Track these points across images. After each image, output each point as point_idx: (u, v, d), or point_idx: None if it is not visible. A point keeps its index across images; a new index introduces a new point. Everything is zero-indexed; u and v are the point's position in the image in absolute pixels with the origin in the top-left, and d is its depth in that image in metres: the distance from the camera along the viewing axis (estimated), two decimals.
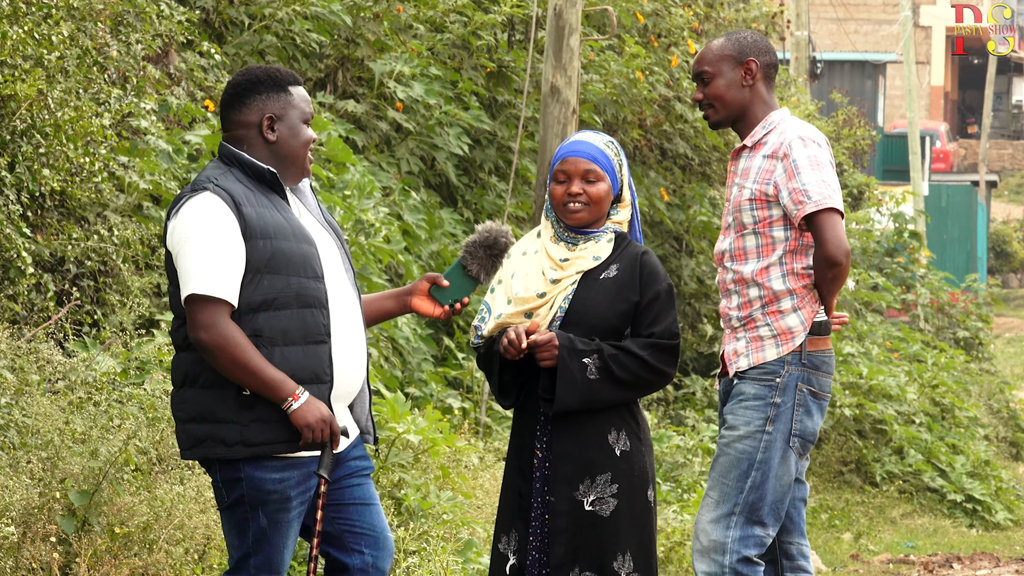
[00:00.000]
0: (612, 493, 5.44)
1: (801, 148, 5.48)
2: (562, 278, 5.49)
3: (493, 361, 5.50)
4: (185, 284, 4.90)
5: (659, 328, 5.46)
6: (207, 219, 4.92)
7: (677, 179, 15.52)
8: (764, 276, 5.50)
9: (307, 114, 5.15)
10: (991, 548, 12.68)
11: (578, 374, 5.38)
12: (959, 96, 54.55)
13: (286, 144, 5.11)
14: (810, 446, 5.53)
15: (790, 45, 26.51)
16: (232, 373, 4.88)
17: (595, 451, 5.44)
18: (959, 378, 18.20)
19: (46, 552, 6.24)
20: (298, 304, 4.99)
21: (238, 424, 4.94)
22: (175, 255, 4.96)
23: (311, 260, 5.03)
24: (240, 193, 4.98)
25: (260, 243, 4.95)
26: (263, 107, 5.10)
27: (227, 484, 4.99)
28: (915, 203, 25.74)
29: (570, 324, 5.46)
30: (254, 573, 5.01)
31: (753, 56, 5.61)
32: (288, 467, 4.99)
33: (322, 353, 5.01)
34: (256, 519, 4.98)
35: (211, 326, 4.86)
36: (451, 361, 11.17)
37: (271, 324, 4.93)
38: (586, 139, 5.57)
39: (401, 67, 12.02)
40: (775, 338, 5.47)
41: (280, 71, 5.15)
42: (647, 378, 5.45)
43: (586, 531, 5.41)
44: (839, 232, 5.40)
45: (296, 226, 5.06)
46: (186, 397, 4.99)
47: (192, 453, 5.01)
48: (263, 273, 4.95)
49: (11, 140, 7.81)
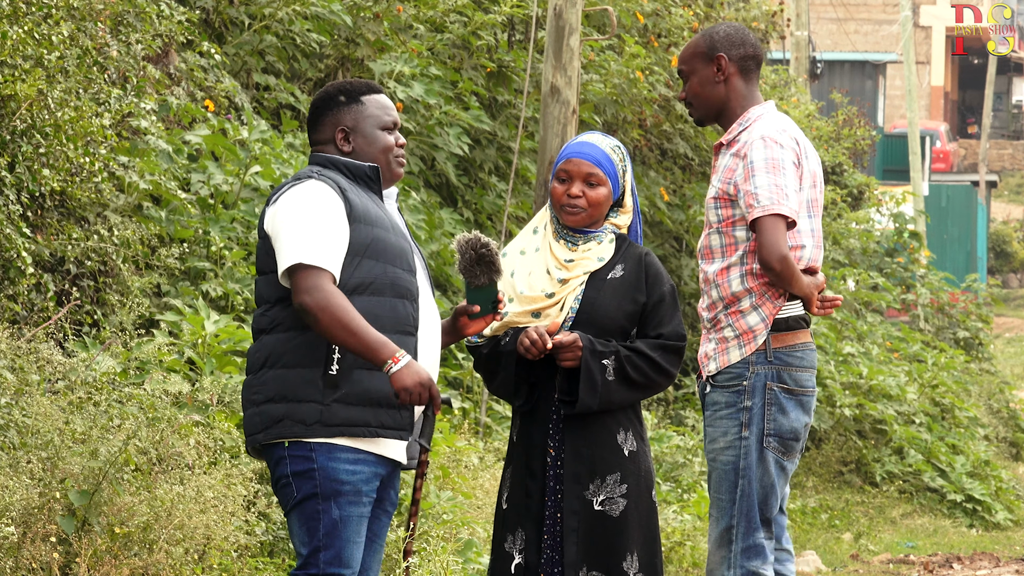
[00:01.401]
0: (621, 493, 5.46)
1: (760, 149, 5.42)
2: (570, 278, 5.50)
3: (502, 360, 5.49)
4: (286, 255, 4.91)
5: (667, 329, 5.49)
6: (313, 199, 4.97)
7: (677, 179, 15.52)
8: (724, 277, 5.48)
9: (385, 121, 5.20)
10: (991, 548, 12.68)
11: (598, 375, 5.40)
12: (959, 96, 54.55)
13: (364, 152, 5.17)
14: (794, 444, 5.47)
15: (790, 45, 26.51)
16: (335, 334, 4.86)
17: (606, 451, 5.47)
18: (959, 378, 18.20)
19: (46, 552, 6.24)
20: (392, 293, 5.03)
21: (319, 404, 4.93)
22: (275, 234, 4.97)
23: (407, 254, 5.10)
24: (343, 183, 5.04)
25: (362, 228, 5.00)
26: (336, 121, 5.17)
27: (298, 477, 4.96)
28: (915, 203, 25.74)
29: (580, 324, 5.48)
30: (323, 568, 4.98)
31: (723, 51, 5.55)
32: (359, 461, 4.99)
33: (410, 344, 5.04)
34: (328, 511, 4.96)
35: (315, 288, 4.86)
36: (451, 361, 11.17)
37: (365, 308, 4.95)
38: (593, 141, 5.57)
39: (401, 67, 12.02)
40: (738, 339, 5.46)
41: (354, 83, 5.23)
42: (656, 379, 5.49)
43: (596, 531, 5.42)
44: (776, 237, 5.33)
45: (393, 220, 5.14)
46: (266, 379, 4.98)
47: (266, 435, 4.97)
48: (362, 257, 4.99)
49: (11, 140, 7.80)
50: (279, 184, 5.17)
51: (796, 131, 5.54)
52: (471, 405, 10.54)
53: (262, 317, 5.04)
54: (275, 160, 9.92)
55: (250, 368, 5.06)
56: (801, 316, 5.50)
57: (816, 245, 5.52)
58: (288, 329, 4.98)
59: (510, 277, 5.58)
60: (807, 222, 5.49)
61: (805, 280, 5.46)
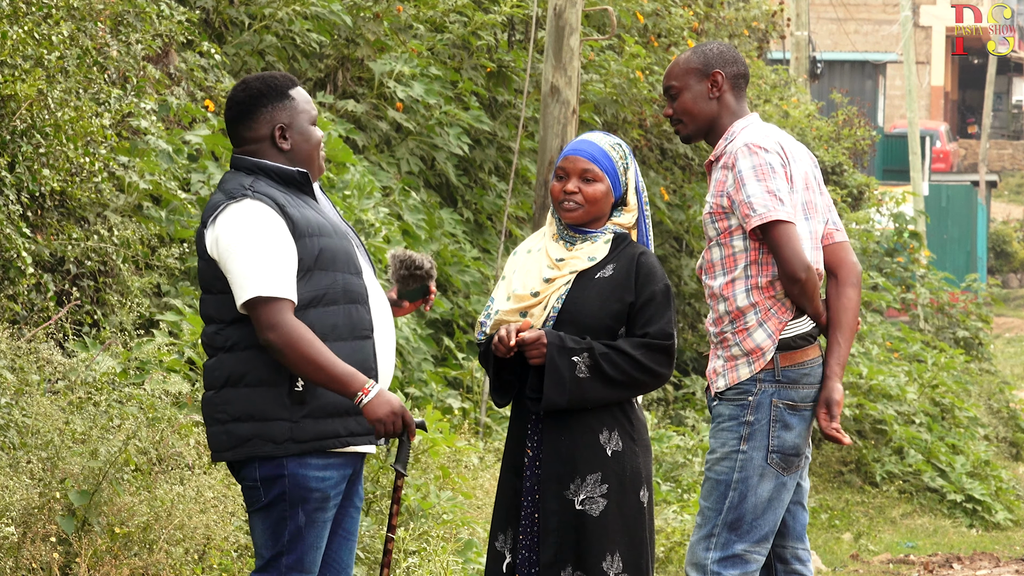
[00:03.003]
0: (602, 493, 5.44)
1: (746, 158, 5.43)
2: (555, 277, 5.50)
3: (489, 359, 5.52)
4: (243, 288, 4.89)
5: (653, 328, 5.46)
6: (255, 223, 4.92)
7: (677, 179, 15.53)
8: (730, 290, 5.48)
9: (312, 115, 5.16)
10: (991, 548, 12.68)
11: (566, 372, 5.38)
12: (959, 96, 54.55)
13: (300, 149, 5.11)
14: (795, 459, 5.47)
15: (790, 45, 26.52)
16: (303, 369, 4.87)
17: (585, 450, 5.44)
18: (959, 378, 18.19)
19: (46, 552, 6.24)
20: (345, 300, 5.02)
21: (288, 421, 4.93)
22: (223, 262, 4.93)
23: (352, 256, 5.07)
24: (278, 196, 4.99)
25: (308, 241, 4.96)
26: (271, 118, 5.09)
27: (266, 482, 4.96)
28: (915, 203, 25.74)
29: (563, 323, 5.47)
30: (284, 572, 4.99)
31: (719, 67, 5.58)
32: (329, 467, 5.00)
33: (368, 348, 5.04)
34: (294, 517, 4.97)
35: (278, 325, 4.85)
36: (451, 361, 11.17)
37: (321, 320, 4.95)
38: (591, 139, 5.59)
39: (401, 67, 12.02)
40: (746, 357, 5.46)
41: (276, 78, 5.13)
42: (639, 378, 5.44)
43: (575, 531, 5.41)
44: (794, 246, 5.35)
45: (334, 223, 5.09)
46: (229, 398, 4.96)
47: (235, 453, 4.97)
48: (312, 270, 4.97)
49: (11, 140, 7.80)
50: (212, 200, 5.05)
51: (781, 136, 5.56)
52: (471, 405, 10.54)
53: (217, 336, 4.99)
54: None
55: (209, 385, 5.02)
56: (808, 333, 5.50)
57: (814, 247, 5.52)
58: (246, 348, 4.96)
59: (512, 275, 5.60)
60: (804, 224, 5.49)
61: (820, 298, 5.49)
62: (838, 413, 5.47)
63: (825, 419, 5.46)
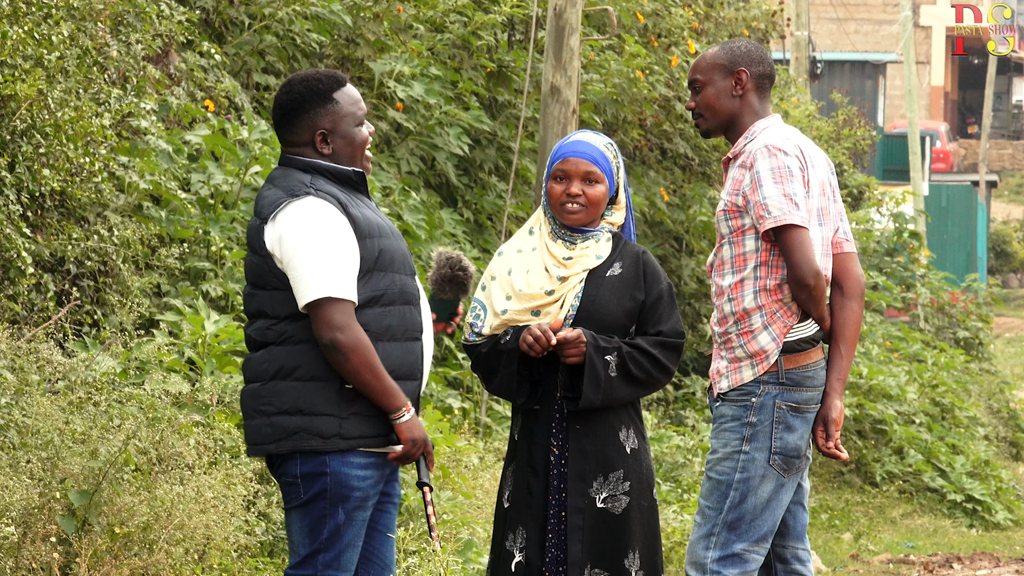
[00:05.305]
0: (624, 491, 5.47)
1: (765, 159, 5.43)
2: (569, 276, 5.51)
3: (503, 358, 5.49)
4: (310, 287, 4.89)
5: (666, 326, 5.51)
6: (321, 222, 4.92)
7: (677, 179, 15.52)
8: (738, 291, 5.48)
9: (360, 116, 5.11)
10: (991, 548, 12.68)
11: (602, 371, 5.40)
12: (959, 96, 54.54)
13: (342, 152, 5.09)
14: (796, 461, 5.47)
15: (790, 45, 26.51)
16: (359, 374, 4.90)
17: (610, 448, 5.48)
18: (959, 378, 18.19)
19: (46, 552, 6.24)
20: (401, 301, 5.04)
21: (337, 417, 4.95)
22: (287, 259, 4.92)
23: (407, 258, 5.10)
24: (340, 195, 4.99)
25: (368, 241, 4.97)
26: (313, 124, 5.06)
27: (307, 478, 4.97)
28: (915, 203, 25.73)
29: (581, 321, 5.48)
30: (321, 570, 4.99)
31: (744, 66, 5.58)
32: (370, 465, 5.02)
33: (417, 350, 5.08)
34: (334, 515, 4.98)
35: (346, 327, 4.88)
36: (451, 361, 11.17)
37: (378, 320, 4.97)
38: (587, 140, 5.58)
39: (401, 67, 12.02)
40: (750, 359, 5.46)
41: (321, 80, 5.07)
42: (657, 376, 5.50)
43: (600, 529, 5.43)
44: (805, 252, 5.35)
45: (389, 224, 5.11)
46: (278, 390, 4.97)
47: (279, 446, 4.97)
48: (372, 271, 4.98)
49: (11, 140, 7.80)
50: (267, 195, 5.02)
51: (802, 140, 5.54)
52: (471, 405, 10.54)
53: (269, 331, 5.00)
54: (275, 160, 9.92)
55: (255, 377, 5.01)
56: (812, 336, 5.49)
57: (824, 253, 5.52)
58: (299, 342, 4.97)
59: (507, 275, 5.58)
60: (817, 230, 5.49)
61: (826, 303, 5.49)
62: (835, 432, 5.48)
63: (822, 438, 5.47)
